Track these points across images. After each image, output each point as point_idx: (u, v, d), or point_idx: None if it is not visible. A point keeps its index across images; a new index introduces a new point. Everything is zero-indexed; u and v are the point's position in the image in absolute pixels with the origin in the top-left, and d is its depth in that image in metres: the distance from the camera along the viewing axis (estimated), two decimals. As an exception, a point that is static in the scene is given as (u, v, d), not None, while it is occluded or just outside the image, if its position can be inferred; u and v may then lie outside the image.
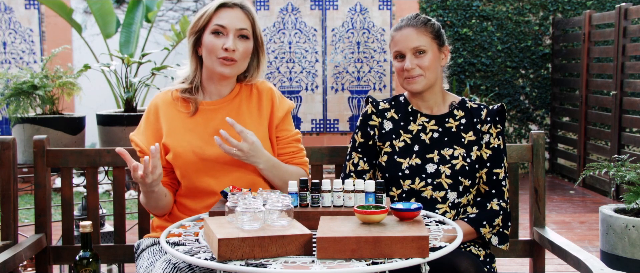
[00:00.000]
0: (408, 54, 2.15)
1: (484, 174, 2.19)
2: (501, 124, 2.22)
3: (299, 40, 6.80)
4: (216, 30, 2.05)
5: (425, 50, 2.14)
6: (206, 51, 2.07)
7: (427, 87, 2.18)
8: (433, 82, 2.18)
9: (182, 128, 2.10)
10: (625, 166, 3.14)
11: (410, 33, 2.15)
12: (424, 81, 2.16)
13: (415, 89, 2.17)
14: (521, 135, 7.23)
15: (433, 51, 2.16)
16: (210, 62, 2.07)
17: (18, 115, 3.22)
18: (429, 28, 2.16)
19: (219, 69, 2.06)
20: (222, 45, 2.04)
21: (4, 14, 6.43)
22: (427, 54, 2.14)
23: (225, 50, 2.03)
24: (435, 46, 2.16)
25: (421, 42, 2.14)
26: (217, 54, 2.05)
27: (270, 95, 2.18)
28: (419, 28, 2.15)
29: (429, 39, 2.15)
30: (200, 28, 2.07)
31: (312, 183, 1.84)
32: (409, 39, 2.14)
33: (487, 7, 7.00)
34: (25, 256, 2.18)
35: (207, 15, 2.06)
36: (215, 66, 2.06)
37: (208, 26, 2.06)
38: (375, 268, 1.48)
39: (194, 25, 2.09)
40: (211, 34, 2.05)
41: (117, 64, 3.63)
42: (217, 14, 2.06)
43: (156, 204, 2.05)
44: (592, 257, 2.03)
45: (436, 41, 2.17)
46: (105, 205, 5.26)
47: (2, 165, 2.31)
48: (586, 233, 4.76)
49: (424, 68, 2.14)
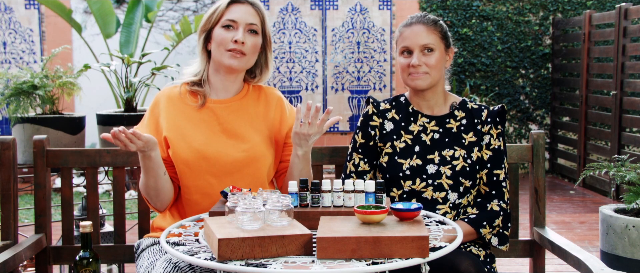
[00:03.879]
0: (416, 50, 2.15)
1: (484, 175, 2.19)
2: (502, 125, 2.22)
3: (299, 40, 6.80)
4: (227, 24, 2.09)
5: (433, 49, 2.15)
6: (216, 44, 2.10)
7: (431, 85, 2.18)
8: (436, 81, 2.19)
9: (187, 123, 2.10)
10: (625, 166, 3.14)
11: (421, 30, 2.16)
12: (428, 79, 2.16)
13: (419, 85, 2.17)
14: (521, 135, 7.23)
15: (440, 51, 2.17)
16: (219, 55, 2.09)
17: (18, 115, 3.22)
18: (438, 28, 2.18)
19: (227, 61, 2.08)
20: (231, 38, 2.07)
21: (4, 14, 6.43)
22: (434, 53, 2.15)
23: (234, 43, 2.07)
24: (442, 46, 2.18)
25: (430, 40, 2.15)
26: (227, 46, 2.07)
27: (280, 104, 2.21)
28: (429, 26, 2.16)
29: (437, 39, 2.16)
30: (213, 24, 2.11)
31: (312, 183, 1.84)
32: (419, 35, 2.15)
33: (487, 7, 7.00)
34: (25, 256, 2.18)
35: (219, 11, 2.11)
36: (224, 58, 2.08)
37: (219, 22, 2.10)
38: (375, 268, 1.48)
39: (205, 23, 2.12)
40: (222, 28, 2.09)
41: (117, 64, 3.63)
42: (229, 10, 2.10)
43: (155, 184, 2.02)
44: (592, 257, 2.03)
45: (444, 41, 2.18)
46: (105, 205, 5.26)
47: (2, 165, 2.31)
48: (586, 233, 4.76)
49: (430, 66, 2.15)
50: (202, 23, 2.14)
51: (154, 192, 2.05)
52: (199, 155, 2.06)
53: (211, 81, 2.16)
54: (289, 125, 2.18)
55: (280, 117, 2.19)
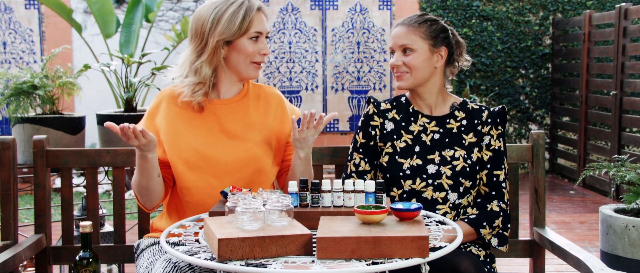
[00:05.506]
0: (397, 50, 2.18)
1: (484, 175, 2.19)
2: (502, 125, 2.22)
3: (299, 40, 6.79)
4: (255, 36, 2.07)
5: (413, 49, 2.16)
6: (241, 55, 2.06)
7: (415, 85, 2.19)
8: (422, 81, 2.19)
9: (187, 123, 2.09)
10: (625, 166, 3.14)
11: (401, 31, 2.18)
12: (410, 79, 2.17)
13: (402, 85, 2.20)
14: (521, 135, 7.23)
15: (423, 51, 2.16)
16: (242, 66, 2.08)
17: (18, 115, 3.22)
18: (422, 28, 2.16)
19: (253, 73, 2.10)
20: (259, 50, 2.07)
21: (4, 14, 6.43)
22: (414, 53, 2.16)
23: (262, 55, 2.08)
24: (426, 46, 2.16)
25: (408, 40, 2.16)
26: (254, 58, 2.07)
27: (281, 104, 2.20)
28: (411, 27, 2.17)
29: (419, 39, 2.15)
30: (239, 35, 2.04)
31: (312, 183, 1.84)
32: (398, 36, 2.18)
33: (487, 7, 7.00)
34: (25, 256, 2.18)
35: (248, 21, 2.04)
36: (250, 70, 2.09)
37: (247, 33, 2.05)
38: (375, 268, 1.48)
39: (228, 33, 2.03)
40: (249, 39, 2.06)
41: (117, 64, 3.64)
42: (254, 21, 2.05)
43: (147, 184, 2.00)
44: (592, 257, 2.03)
45: (429, 42, 2.16)
46: (105, 205, 5.26)
47: (2, 165, 2.31)
48: (586, 233, 4.76)
49: (410, 66, 2.16)
50: (223, 30, 2.02)
51: (145, 191, 2.03)
52: (199, 155, 2.06)
53: (219, 86, 2.13)
54: (290, 124, 2.18)
55: (281, 116, 2.18)
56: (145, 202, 2.08)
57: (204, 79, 2.07)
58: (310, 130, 2.01)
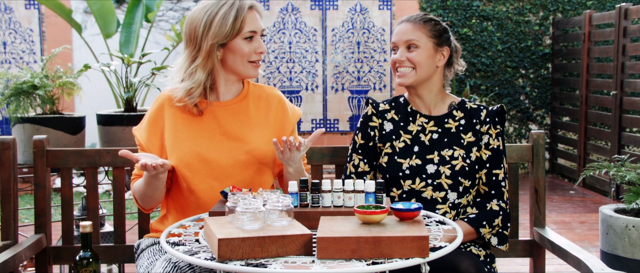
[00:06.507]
0: (401, 46, 2.18)
1: (484, 175, 2.19)
2: (501, 125, 2.22)
3: (299, 40, 6.79)
4: (249, 36, 2.04)
5: (418, 45, 2.16)
6: (237, 56, 2.04)
7: (417, 83, 2.19)
8: (424, 79, 2.19)
9: (187, 126, 2.09)
10: (625, 166, 3.14)
11: (406, 27, 2.18)
12: (413, 76, 2.17)
13: (404, 82, 2.19)
14: (521, 135, 7.23)
15: (427, 48, 2.17)
16: (240, 66, 2.06)
17: (18, 115, 3.22)
18: (428, 26, 2.18)
19: (251, 72, 2.08)
20: (255, 49, 2.05)
21: (4, 14, 6.43)
22: (419, 49, 2.16)
23: (258, 54, 2.06)
24: (430, 44, 2.17)
25: (415, 36, 2.16)
26: (250, 57, 2.06)
27: (282, 104, 2.19)
28: (417, 24, 2.18)
29: (424, 36, 2.16)
30: (232, 36, 2.02)
31: (312, 183, 1.84)
32: (404, 32, 2.18)
33: (487, 7, 7.00)
34: (25, 256, 2.18)
35: (240, 21, 2.01)
36: (248, 70, 2.08)
37: (240, 33, 2.02)
38: (375, 268, 1.48)
39: (221, 35, 2.00)
40: (243, 40, 2.03)
41: (117, 64, 3.63)
42: (247, 20, 2.02)
43: (152, 194, 2.03)
44: (593, 257, 2.03)
45: (433, 40, 2.17)
46: (105, 205, 5.26)
47: (2, 165, 2.31)
48: (586, 233, 4.76)
49: (414, 62, 2.16)
50: (216, 32, 2.00)
51: (147, 199, 2.07)
52: (200, 158, 2.05)
53: (218, 88, 2.11)
54: (292, 126, 2.18)
55: (282, 117, 2.18)
56: (144, 205, 2.11)
57: (198, 83, 2.05)
58: (293, 151, 1.96)
